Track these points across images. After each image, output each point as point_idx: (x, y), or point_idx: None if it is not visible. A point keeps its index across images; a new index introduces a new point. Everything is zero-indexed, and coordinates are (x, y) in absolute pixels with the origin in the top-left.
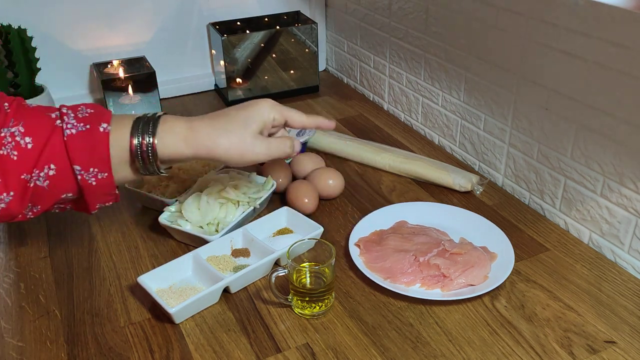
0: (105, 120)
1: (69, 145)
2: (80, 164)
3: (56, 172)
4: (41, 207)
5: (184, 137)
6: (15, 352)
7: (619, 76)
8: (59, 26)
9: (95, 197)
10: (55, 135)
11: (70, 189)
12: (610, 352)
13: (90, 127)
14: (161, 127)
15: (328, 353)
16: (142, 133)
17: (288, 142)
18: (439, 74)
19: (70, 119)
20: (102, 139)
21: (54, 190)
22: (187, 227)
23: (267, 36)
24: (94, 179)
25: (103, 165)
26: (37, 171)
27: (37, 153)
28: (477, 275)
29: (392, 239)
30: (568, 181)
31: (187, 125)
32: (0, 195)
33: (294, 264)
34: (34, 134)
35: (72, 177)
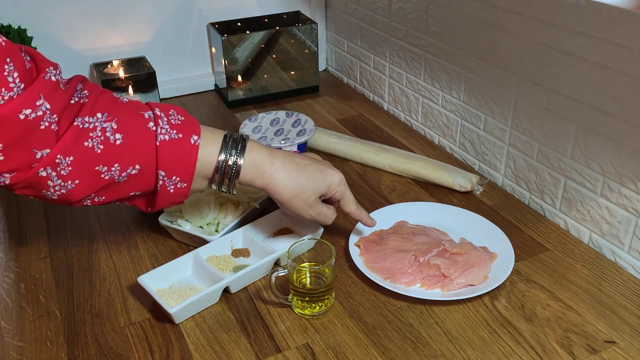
0: (196, 132)
1: (160, 151)
2: (165, 170)
3: (139, 172)
4: (106, 198)
5: (263, 170)
6: (15, 352)
7: (619, 76)
8: (59, 26)
9: (167, 201)
10: (149, 138)
11: (145, 189)
12: (610, 352)
13: (182, 136)
14: (248, 152)
15: (328, 353)
16: (229, 153)
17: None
18: (439, 74)
19: (164, 124)
20: (191, 152)
21: (128, 186)
22: (187, 227)
23: (267, 36)
24: (173, 187)
25: (186, 176)
26: (118, 167)
27: (125, 151)
28: (477, 275)
29: (392, 239)
30: (568, 181)
31: (270, 159)
32: (65, 182)
33: (294, 264)
34: (126, 131)
35: (153, 180)
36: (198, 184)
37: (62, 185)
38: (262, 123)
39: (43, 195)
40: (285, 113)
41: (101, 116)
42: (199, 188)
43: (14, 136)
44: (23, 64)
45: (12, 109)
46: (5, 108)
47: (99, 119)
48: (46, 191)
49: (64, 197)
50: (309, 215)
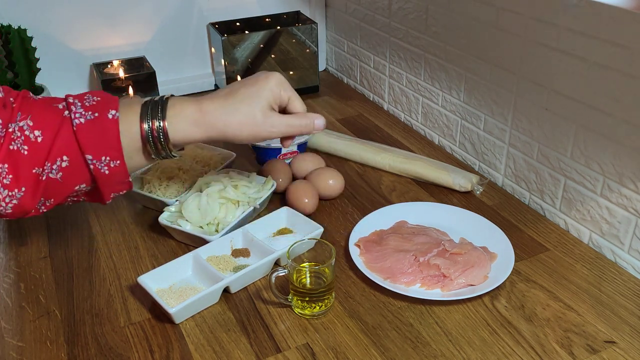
0: (113, 107)
1: (79, 134)
2: (91, 153)
3: (69, 164)
4: (55, 200)
5: (194, 120)
6: (15, 352)
7: (619, 76)
8: (59, 26)
9: (110, 185)
10: (65, 126)
11: (84, 180)
12: (610, 352)
13: (98, 115)
14: (170, 110)
15: (328, 353)
16: (151, 118)
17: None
18: (439, 74)
19: (78, 108)
20: (111, 126)
21: (67, 182)
22: (187, 227)
23: (267, 36)
24: (107, 168)
25: (115, 153)
26: (49, 164)
27: (47, 146)
28: (477, 276)
29: (392, 239)
30: (568, 181)
31: (197, 107)
32: (12, 192)
33: (294, 264)
34: (43, 126)
35: (85, 168)
36: (136, 159)
37: (11, 196)
38: None
39: None
40: None
41: (17, 117)
42: (140, 163)
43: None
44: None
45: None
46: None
47: (16, 121)
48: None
49: (17, 208)
50: (270, 131)
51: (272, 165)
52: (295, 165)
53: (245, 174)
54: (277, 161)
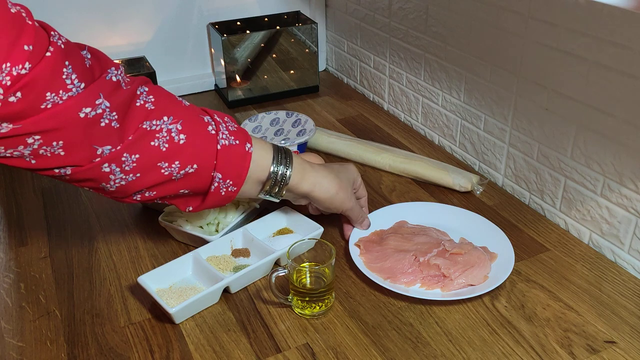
0: (249, 140)
1: (220, 154)
2: (222, 173)
3: (195, 172)
4: (157, 193)
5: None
6: (15, 352)
7: (619, 76)
8: (59, 26)
9: (215, 202)
10: (209, 140)
11: (198, 189)
12: (610, 352)
13: (239, 143)
14: (295, 163)
15: (328, 353)
16: (281, 163)
17: (365, 215)
18: (439, 74)
19: (224, 130)
20: (246, 158)
21: (182, 183)
22: (187, 227)
23: (267, 36)
24: (225, 190)
25: (238, 180)
26: (178, 164)
27: (186, 150)
28: (477, 276)
29: (392, 239)
30: (568, 181)
31: (309, 165)
32: (126, 175)
33: (294, 264)
34: (189, 133)
35: (208, 181)
36: (249, 188)
37: (123, 178)
38: (262, 123)
39: (101, 187)
40: (285, 113)
41: (167, 119)
42: (248, 193)
43: (74, 133)
44: (83, 64)
45: (71, 107)
46: (63, 106)
47: (165, 122)
48: (106, 184)
49: (121, 188)
50: (352, 204)
51: None
52: None
53: None
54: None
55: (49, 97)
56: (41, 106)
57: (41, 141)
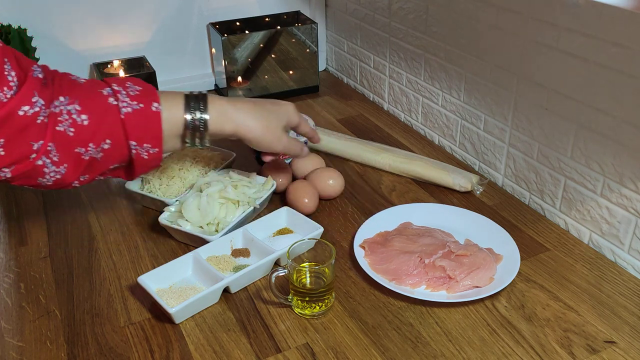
0: (155, 99)
1: (126, 123)
2: (136, 140)
3: (111, 146)
4: (89, 176)
5: (229, 116)
6: (15, 352)
7: (619, 76)
8: (59, 26)
9: (144, 167)
10: (111, 112)
11: (122, 160)
12: (610, 352)
13: (143, 106)
14: (210, 104)
15: (328, 353)
16: (194, 109)
17: (301, 145)
18: (439, 74)
19: (124, 97)
20: (155, 118)
21: (106, 161)
22: (187, 227)
23: (267, 36)
24: (147, 154)
25: (156, 142)
26: (93, 146)
27: (93, 130)
28: (482, 277)
29: (397, 240)
30: (568, 181)
31: (232, 105)
32: (57, 168)
33: (294, 264)
34: (89, 111)
35: (126, 151)
36: (171, 144)
37: (56, 171)
38: None
39: (38, 183)
40: None
41: (64, 99)
42: (174, 148)
43: (14, 132)
44: (16, 63)
45: (13, 106)
46: (7, 107)
47: (62, 103)
48: (42, 178)
49: (58, 181)
50: (283, 145)
51: (272, 165)
52: (295, 165)
53: (245, 174)
54: (277, 161)
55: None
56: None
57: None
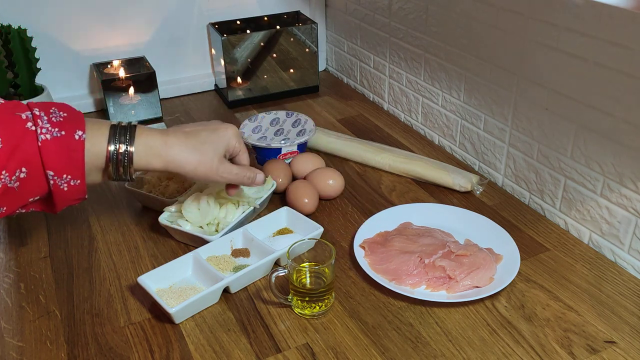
0: (80, 127)
1: (43, 151)
2: (54, 170)
3: (27, 176)
4: (7, 209)
5: (157, 152)
6: (15, 352)
7: (619, 76)
8: (59, 26)
9: (65, 201)
10: (28, 138)
11: (40, 192)
12: (610, 352)
13: (65, 134)
14: (138, 138)
15: (328, 353)
16: (119, 142)
17: (249, 173)
18: (439, 74)
19: (45, 123)
20: (77, 147)
21: (23, 192)
22: (187, 227)
23: (267, 36)
24: (67, 185)
25: (77, 172)
26: (7, 174)
27: (7, 155)
28: (482, 277)
29: (397, 240)
30: (568, 181)
31: (162, 139)
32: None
33: (294, 264)
34: (4, 135)
35: (44, 181)
36: (92, 177)
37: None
38: (262, 123)
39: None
40: (285, 113)
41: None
42: (94, 181)
43: None
44: None
45: None
46: None
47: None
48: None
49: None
50: (221, 177)
51: (272, 165)
52: (295, 165)
53: None
54: (277, 161)
55: None
56: None
57: None
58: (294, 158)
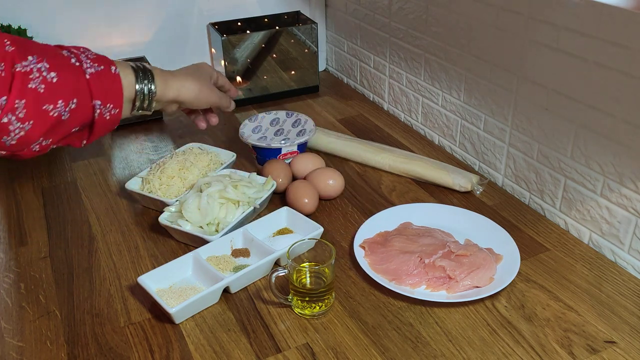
0: (112, 63)
1: (91, 83)
2: (100, 100)
3: (76, 106)
4: (52, 139)
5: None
6: (15, 352)
7: (619, 76)
8: (59, 26)
9: (103, 130)
10: (77, 72)
11: (84, 122)
12: (610, 352)
13: (104, 68)
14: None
15: (328, 353)
16: (142, 80)
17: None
18: (439, 74)
19: (86, 59)
20: (116, 79)
21: (70, 122)
22: (187, 227)
23: (267, 36)
24: (109, 114)
25: (117, 102)
26: (62, 104)
27: (62, 87)
28: (482, 277)
29: (397, 240)
30: (568, 181)
31: (171, 75)
32: (23, 124)
33: (294, 264)
34: (57, 70)
35: (90, 111)
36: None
37: (21, 128)
38: (262, 123)
39: (2, 142)
40: (285, 113)
41: (32, 58)
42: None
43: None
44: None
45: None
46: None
47: (31, 62)
48: (7, 137)
49: (21, 139)
50: (217, 97)
51: (272, 165)
52: (295, 165)
53: (245, 174)
54: (277, 161)
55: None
56: None
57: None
58: (294, 158)
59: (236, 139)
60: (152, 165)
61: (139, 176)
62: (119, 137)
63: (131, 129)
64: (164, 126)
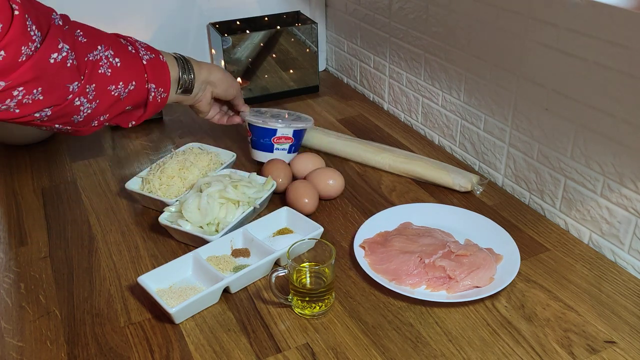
0: (160, 52)
1: (148, 68)
2: (155, 83)
3: (135, 87)
4: (109, 115)
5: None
6: (15, 352)
7: (619, 76)
8: None
9: (154, 110)
10: (135, 59)
11: (139, 102)
12: (610, 352)
13: (154, 56)
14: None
15: (328, 353)
16: (185, 70)
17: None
18: (439, 74)
19: (140, 47)
20: (164, 67)
21: (127, 101)
22: (187, 227)
23: (267, 36)
24: (160, 97)
25: (167, 86)
26: (123, 85)
27: (124, 70)
28: (482, 277)
29: (397, 240)
30: (568, 181)
31: (204, 65)
32: (90, 104)
33: (294, 264)
34: (120, 55)
35: (145, 93)
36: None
37: (89, 107)
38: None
39: (71, 121)
40: (287, 113)
41: (101, 47)
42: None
43: (49, 78)
44: (36, 14)
45: (42, 56)
46: (35, 57)
47: (100, 50)
48: (77, 116)
49: (88, 116)
50: (238, 86)
51: (272, 165)
52: (295, 165)
53: (245, 174)
54: (277, 161)
55: (24, 51)
56: (19, 60)
57: (24, 91)
58: (294, 158)
59: (236, 139)
60: (152, 165)
61: (139, 176)
62: (119, 137)
63: (131, 128)
64: (164, 126)
